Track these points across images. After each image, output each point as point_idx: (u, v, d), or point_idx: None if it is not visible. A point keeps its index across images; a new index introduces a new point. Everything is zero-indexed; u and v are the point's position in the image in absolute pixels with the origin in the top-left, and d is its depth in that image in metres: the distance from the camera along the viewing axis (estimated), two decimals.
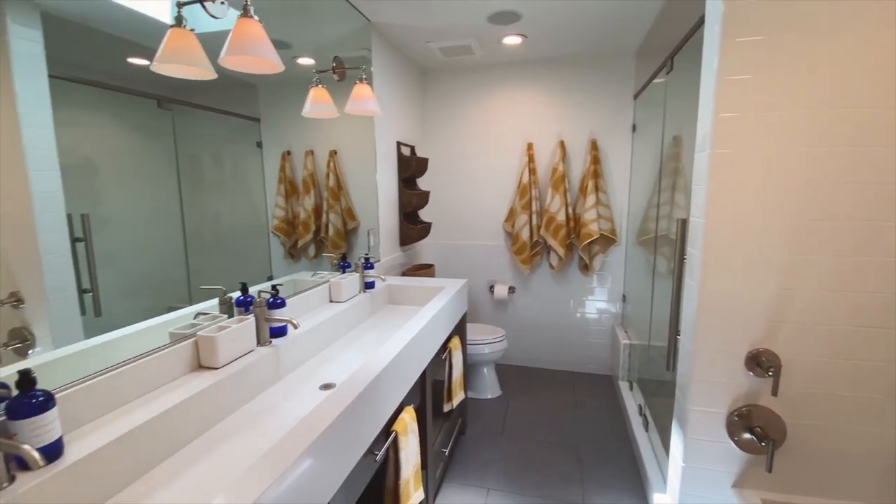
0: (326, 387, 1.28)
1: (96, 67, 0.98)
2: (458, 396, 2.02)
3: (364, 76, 1.86)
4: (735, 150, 1.22)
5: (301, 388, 1.27)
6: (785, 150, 1.20)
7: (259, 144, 1.54)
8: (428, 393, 1.63)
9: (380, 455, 1.15)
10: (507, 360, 3.29)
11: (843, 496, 1.29)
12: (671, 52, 1.90)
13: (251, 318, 1.28)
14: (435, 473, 1.76)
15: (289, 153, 1.71)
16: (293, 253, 1.76)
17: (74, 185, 0.93)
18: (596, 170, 2.78)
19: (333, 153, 2.01)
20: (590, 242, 2.85)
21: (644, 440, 2.10)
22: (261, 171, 1.55)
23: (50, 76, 0.88)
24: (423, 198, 2.73)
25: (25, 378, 0.74)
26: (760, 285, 1.25)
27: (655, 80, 2.30)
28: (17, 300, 0.85)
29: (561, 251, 2.85)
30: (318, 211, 1.92)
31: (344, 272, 1.98)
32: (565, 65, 2.86)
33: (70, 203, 0.92)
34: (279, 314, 1.36)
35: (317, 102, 1.75)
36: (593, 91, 2.84)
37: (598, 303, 3.06)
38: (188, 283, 1.24)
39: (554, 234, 2.85)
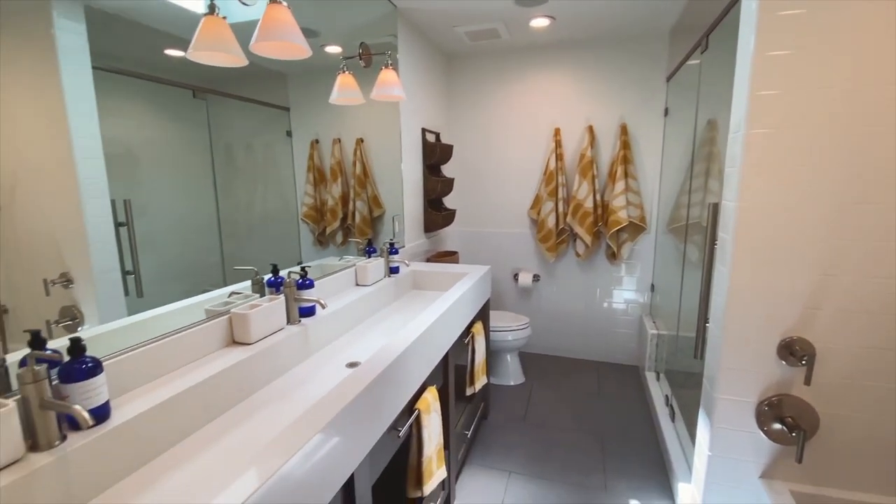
0: (352, 365, 1.32)
1: (135, 59, 1.02)
2: (481, 381, 2.04)
3: (390, 62, 1.87)
4: (773, 130, 1.17)
5: (328, 365, 1.31)
6: (826, 130, 1.14)
7: (289, 133, 1.58)
8: (450, 375, 1.66)
9: (403, 431, 1.18)
10: (530, 349, 3.29)
11: (877, 490, 1.24)
12: (706, 30, 1.82)
13: (281, 298, 1.33)
14: (457, 454, 1.79)
15: (317, 141, 1.74)
16: (321, 240, 1.81)
17: (116, 173, 0.98)
18: (625, 155, 2.71)
19: (360, 141, 2.04)
20: (618, 230, 2.79)
21: (670, 430, 2.06)
22: (290, 160, 1.60)
23: (93, 68, 0.92)
24: (448, 185, 2.73)
25: (76, 345, 0.80)
26: (796, 271, 1.20)
27: (689, 62, 2.21)
28: (67, 280, 0.92)
29: (588, 239, 2.80)
30: (345, 198, 1.96)
31: (369, 257, 2.02)
32: (595, 47, 2.78)
33: (113, 189, 0.97)
34: (308, 294, 1.40)
35: (344, 89, 1.77)
36: (624, 74, 2.76)
37: (625, 292, 3.00)
38: (223, 268, 1.30)
39: (581, 222, 2.81)
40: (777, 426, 1.27)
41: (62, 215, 0.88)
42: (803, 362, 1.18)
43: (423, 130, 2.64)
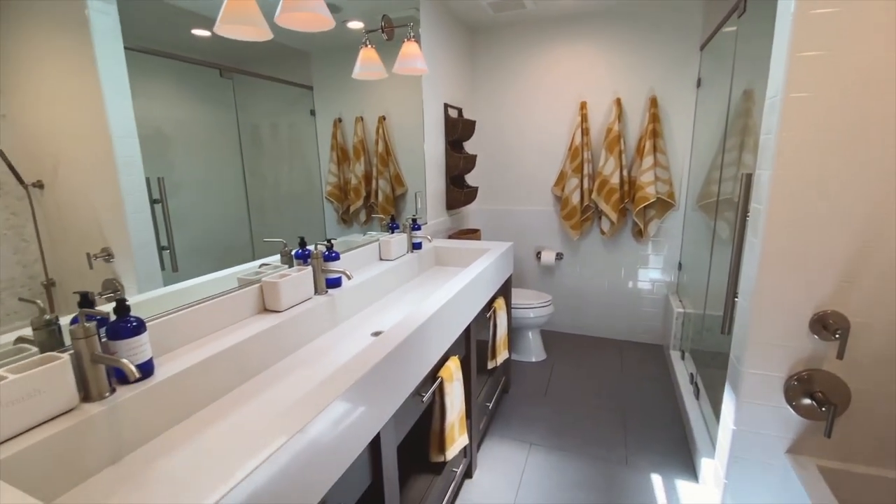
0: (377, 334, 1.35)
1: (164, 39, 1.05)
2: (502, 355, 2.06)
3: (412, 34, 1.85)
4: (813, 94, 1.11)
5: (354, 334, 1.36)
6: (870, 93, 1.07)
7: (312, 112, 1.60)
8: (472, 347, 1.68)
9: (426, 397, 1.22)
10: (552, 327, 3.29)
11: None
12: None
13: (309, 269, 1.37)
14: (479, 425, 1.83)
15: (340, 120, 1.76)
16: (345, 218, 1.85)
17: (149, 153, 1.02)
18: (655, 129, 2.62)
19: (382, 119, 2.04)
20: (645, 207, 2.72)
21: (694, 408, 2.05)
22: (314, 139, 1.62)
23: (125, 48, 0.95)
24: (470, 161, 2.72)
25: (121, 305, 0.85)
26: (832, 243, 1.15)
27: (725, 28, 2.10)
28: (107, 255, 0.97)
29: (613, 216, 2.75)
30: (368, 177, 1.98)
31: (393, 233, 2.04)
32: (624, 15, 2.67)
33: (147, 168, 1.01)
34: (334, 266, 1.44)
35: (366, 63, 1.77)
36: (654, 44, 2.64)
37: (651, 270, 2.95)
38: (252, 244, 1.34)
39: (606, 199, 2.75)
40: (806, 401, 1.24)
41: (101, 192, 0.93)
42: (836, 336, 1.15)
43: (446, 106, 2.61)
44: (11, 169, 0.80)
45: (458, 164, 2.59)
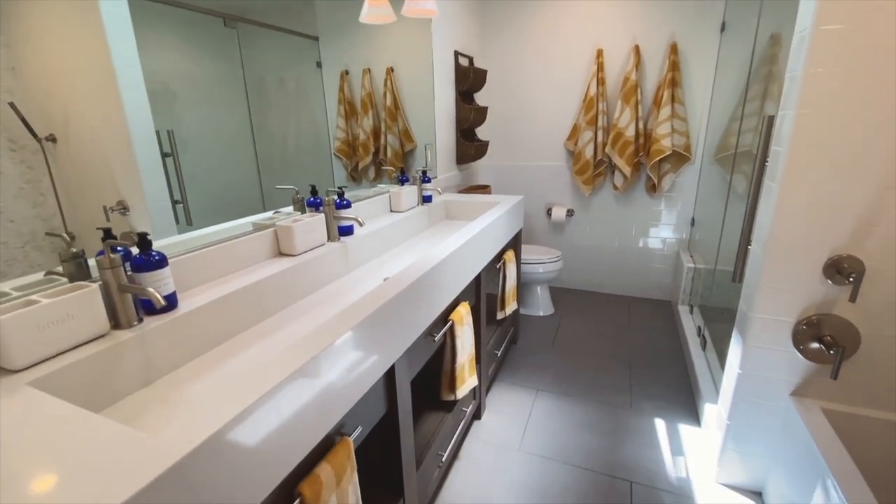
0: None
1: None
2: (511, 306, 2.10)
3: None
4: (845, 26, 1.05)
5: (366, 279, 1.38)
6: None
7: (318, 65, 1.56)
8: (482, 296, 1.71)
9: (438, 337, 1.26)
10: (561, 283, 3.31)
11: None
12: None
13: (321, 216, 1.38)
14: (488, 370, 1.89)
15: (347, 72, 1.72)
16: (354, 176, 1.84)
17: (157, 108, 1.01)
18: (674, 78, 2.52)
19: (390, 70, 1.99)
20: (660, 160, 2.66)
21: (700, 358, 2.08)
22: (321, 93, 1.59)
23: None
24: (481, 114, 2.65)
25: (143, 239, 0.88)
26: (852, 185, 1.12)
27: None
28: (123, 208, 0.98)
29: (627, 170, 2.70)
30: (376, 132, 1.95)
31: (402, 185, 2.03)
32: None
33: (156, 122, 1.01)
34: (345, 213, 1.45)
35: (374, 5, 1.70)
36: None
37: (663, 226, 2.92)
38: (262, 200, 1.35)
39: (620, 152, 2.69)
40: (814, 345, 1.25)
41: (112, 145, 0.93)
42: (850, 280, 1.14)
43: (456, 54, 2.53)
44: (24, 122, 0.80)
45: (469, 117, 2.54)
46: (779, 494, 1.34)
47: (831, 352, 1.20)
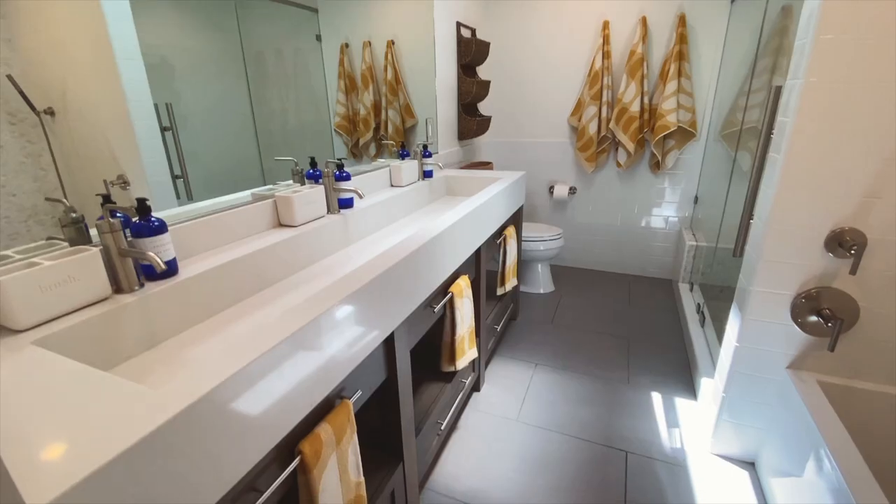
0: None
1: None
2: (511, 282, 2.10)
3: None
4: None
5: (366, 251, 1.39)
6: None
7: (318, 38, 1.52)
8: (482, 270, 1.71)
9: (437, 308, 1.27)
10: (562, 262, 3.31)
11: None
12: None
13: (321, 187, 1.38)
14: (487, 344, 1.91)
15: (347, 45, 1.68)
16: (355, 152, 1.82)
17: (155, 82, 0.99)
18: (681, 51, 2.46)
19: (391, 43, 1.95)
20: (665, 137, 2.62)
21: (698, 335, 2.10)
22: (321, 67, 1.56)
23: None
24: (484, 87, 2.61)
25: (142, 204, 0.88)
26: (858, 156, 1.11)
27: None
28: (123, 182, 0.97)
29: (631, 147, 2.66)
30: (377, 107, 1.92)
31: (403, 160, 2.02)
32: None
33: (154, 96, 1.00)
34: (345, 185, 1.44)
35: None
36: None
37: (666, 204, 2.90)
38: (262, 178, 1.34)
39: (625, 128, 2.65)
40: (813, 318, 1.26)
41: (111, 118, 0.92)
42: (852, 252, 1.14)
43: (458, 25, 2.47)
44: (23, 95, 0.79)
45: (471, 90, 2.49)
46: (771, 465, 1.37)
47: (829, 325, 1.20)
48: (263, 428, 0.65)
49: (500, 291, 2.04)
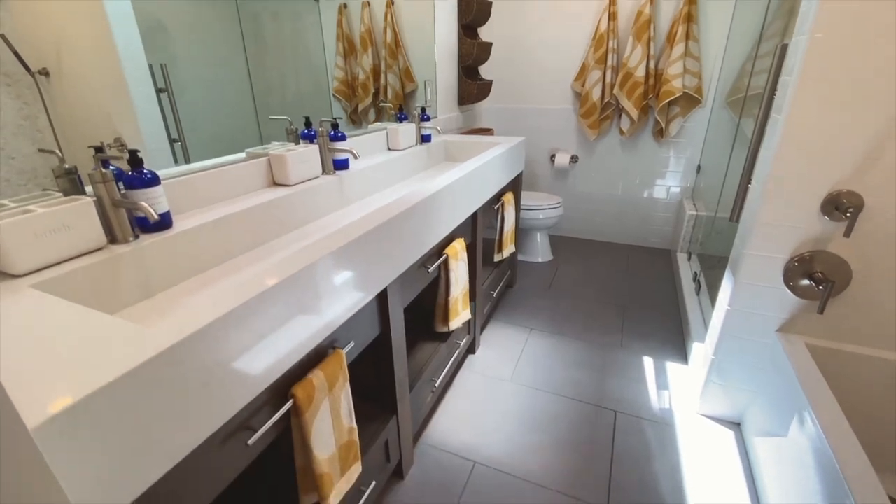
0: None
1: None
2: (508, 249, 2.11)
3: None
4: None
5: (362, 213, 1.39)
6: None
7: None
8: (479, 234, 1.72)
9: (432, 269, 1.28)
10: (561, 231, 3.31)
11: None
12: None
13: (315, 146, 1.37)
14: (483, 309, 1.94)
15: (345, 6, 1.63)
16: (354, 118, 1.79)
17: (150, 43, 0.98)
18: (689, 12, 2.37)
19: (390, 3, 1.89)
20: (669, 103, 2.57)
21: (693, 302, 2.11)
22: (319, 29, 1.52)
23: None
24: (485, 49, 2.54)
25: (134, 157, 0.88)
26: (860, 116, 1.09)
27: None
28: (121, 145, 0.97)
29: (634, 113, 2.61)
30: (376, 71, 1.88)
31: (401, 123, 1.99)
32: None
33: (149, 57, 0.98)
34: (340, 146, 1.43)
35: None
36: None
37: (668, 173, 2.87)
38: (261, 144, 1.33)
39: (629, 94, 2.59)
40: (805, 282, 1.27)
41: (105, 79, 0.91)
42: (848, 214, 1.13)
43: None
44: (17, 56, 0.78)
45: (472, 52, 2.43)
46: (756, 425, 1.41)
47: (820, 287, 1.21)
48: (255, 368, 0.67)
49: (497, 258, 2.05)
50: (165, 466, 0.54)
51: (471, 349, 1.90)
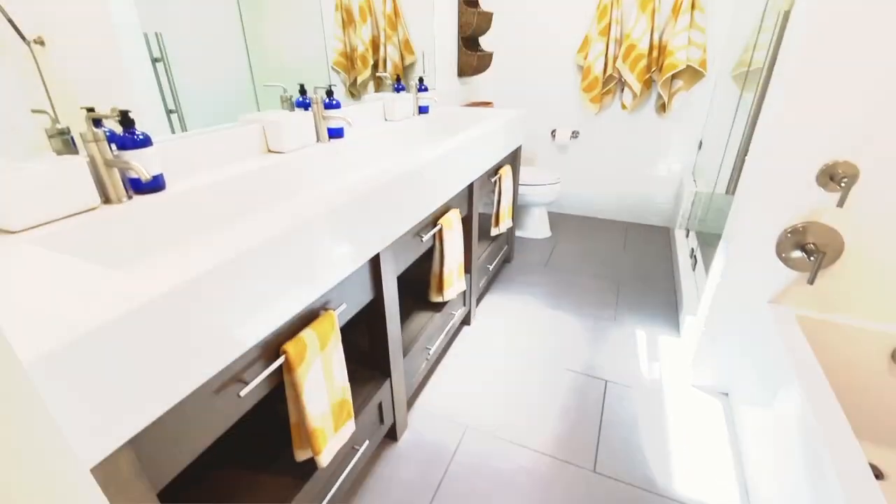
0: None
1: None
2: (505, 223, 2.11)
3: None
4: None
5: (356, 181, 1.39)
6: None
7: None
8: (475, 207, 1.72)
9: (426, 238, 1.29)
10: (560, 209, 3.30)
11: (890, 318, 1.26)
12: None
13: (310, 114, 1.36)
14: (479, 282, 1.96)
15: None
16: (353, 92, 1.77)
17: (144, 12, 0.96)
18: None
19: None
20: (673, 77, 2.52)
21: (688, 277, 2.13)
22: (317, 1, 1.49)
23: None
24: (486, 19, 2.48)
25: (125, 117, 0.88)
26: (860, 86, 1.07)
27: None
28: (117, 115, 0.96)
29: (637, 87, 2.57)
30: (375, 43, 1.85)
31: (398, 93, 1.96)
32: None
33: (144, 25, 0.97)
34: (334, 113, 1.42)
35: None
36: None
37: (670, 149, 2.84)
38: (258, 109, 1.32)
39: (632, 67, 2.54)
40: (797, 253, 1.27)
41: (99, 49, 0.90)
42: (842, 184, 1.13)
43: None
44: (11, 23, 0.77)
45: (472, 22, 2.38)
46: (744, 395, 1.44)
47: (812, 258, 1.22)
48: (245, 323, 0.69)
49: (494, 232, 2.06)
50: (159, 410, 0.57)
51: (466, 321, 1.93)
